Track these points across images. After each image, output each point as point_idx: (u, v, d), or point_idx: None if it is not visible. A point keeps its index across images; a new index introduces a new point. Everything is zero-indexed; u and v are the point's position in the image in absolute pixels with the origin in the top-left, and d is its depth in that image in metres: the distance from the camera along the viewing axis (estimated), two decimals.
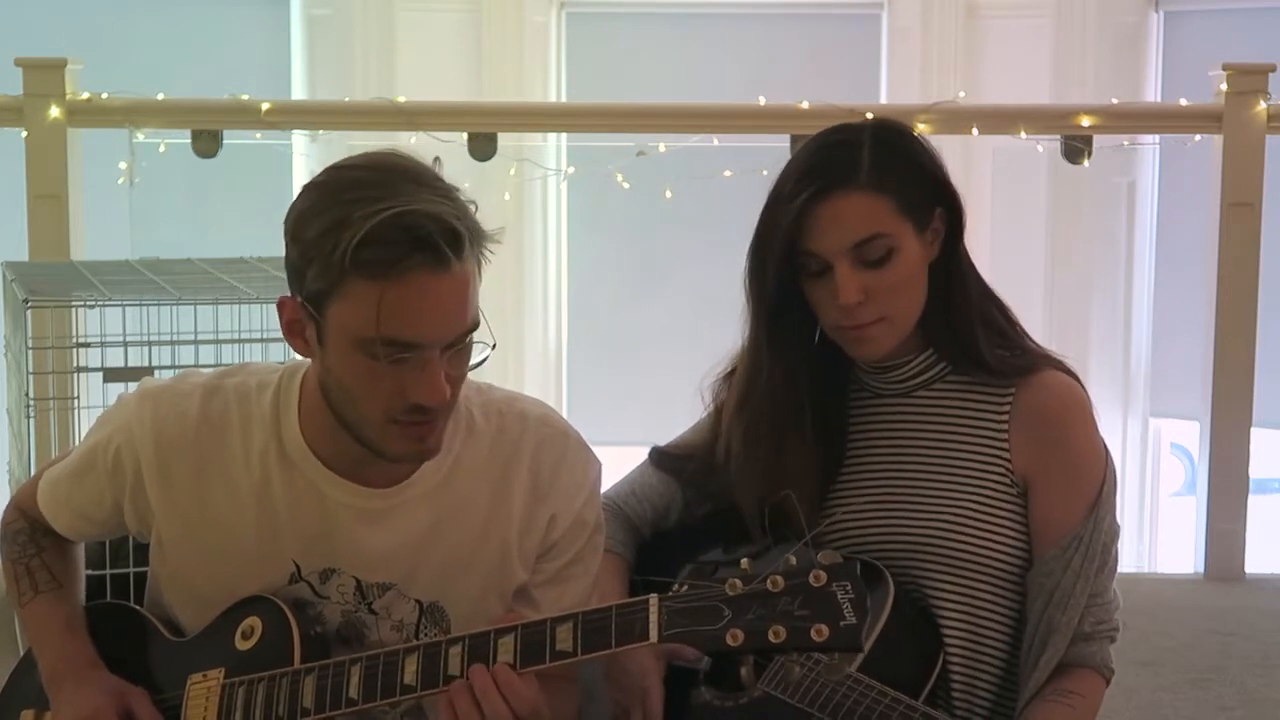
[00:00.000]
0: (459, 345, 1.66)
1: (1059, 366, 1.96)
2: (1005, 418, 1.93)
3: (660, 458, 2.13)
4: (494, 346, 1.69)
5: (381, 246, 1.58)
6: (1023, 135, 4.87)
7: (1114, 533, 1.93)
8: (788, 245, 1.86)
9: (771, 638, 1.49)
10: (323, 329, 1.65)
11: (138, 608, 1.95)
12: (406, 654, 1.68)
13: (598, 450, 1.90)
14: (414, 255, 1.59)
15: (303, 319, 1.68)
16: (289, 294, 1.69)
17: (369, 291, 1.60)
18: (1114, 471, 1.94)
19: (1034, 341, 1.99)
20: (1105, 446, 1.95)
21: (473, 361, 1.69)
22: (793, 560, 1.52)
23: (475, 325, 1.66)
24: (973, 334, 1.93)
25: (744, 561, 1.55)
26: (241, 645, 1.79)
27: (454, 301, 1.63)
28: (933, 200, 1.90)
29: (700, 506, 2.09)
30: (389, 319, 1.60)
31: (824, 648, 1.49)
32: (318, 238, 1.61)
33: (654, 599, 1.56)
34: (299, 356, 1.77)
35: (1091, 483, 1.91)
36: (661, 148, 5.47)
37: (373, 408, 1.67)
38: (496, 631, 1.64)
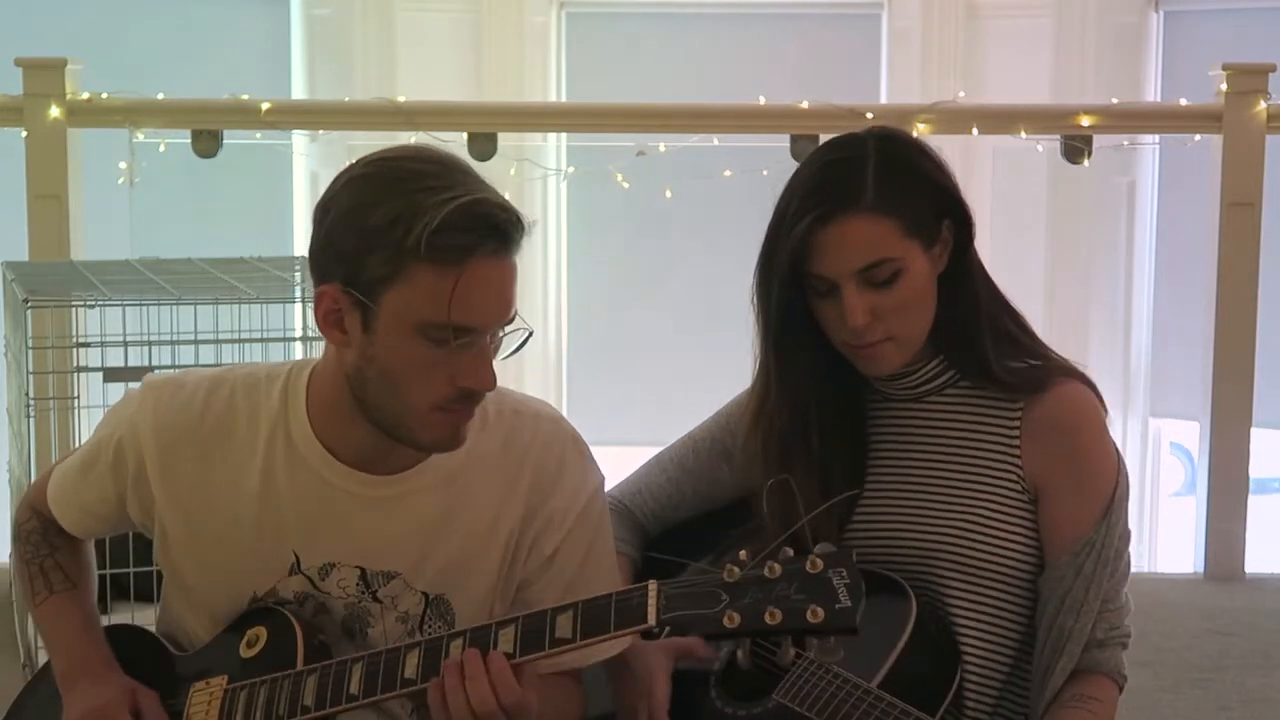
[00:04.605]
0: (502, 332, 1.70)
1: (1072, 374, 1.94)
2: (1016, 427, 1.92)
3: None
4: (531, 333, 1.71)
5: (457, 233, 1.61)
6: (1023, 135, 4.87)
7: (1126, 538, 1.92)
8: (793, 267, 1.85)
9: (768, 619, 1.51)
10: (373, 316, 1.66)
11: (147, 629, 1.96)
12: (408, 650, 1.69)
13: (597, 450, 1.91)
14: (487, 242, 1.63)
15: (345, 307, 1.68)
16: (330, 284, 1.68)
17: (441, 278, 1.62)
18: (1126, 477, 1.92)
19: (1048, 348, 1.97)
20: (1118, 452, 1.94)
21: (515, 346, 1.72)
22: (789, 550, 1.55)
23: (515, 311, 1.70)
24: (981, 344, 1.91)
25: (742, 553, 1.57)
26: (245, 654, 1.79)
27: (511, 286, 1.68)
28: (940, 213, 1.89)
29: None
30: (460, 305, 1.63)
31: (819, 630, 1.51)
32: (386, 225, 1.62)
33: (652, 584, 1.58)
34: (300, 356, 1.77)
35: (1104, 490, 1.90)
36: (661, 148, 5.46)
37: (420, 395, 1.68)
38: (498, 624, 1.66)
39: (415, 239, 1.61)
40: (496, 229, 1.63)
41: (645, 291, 6.70)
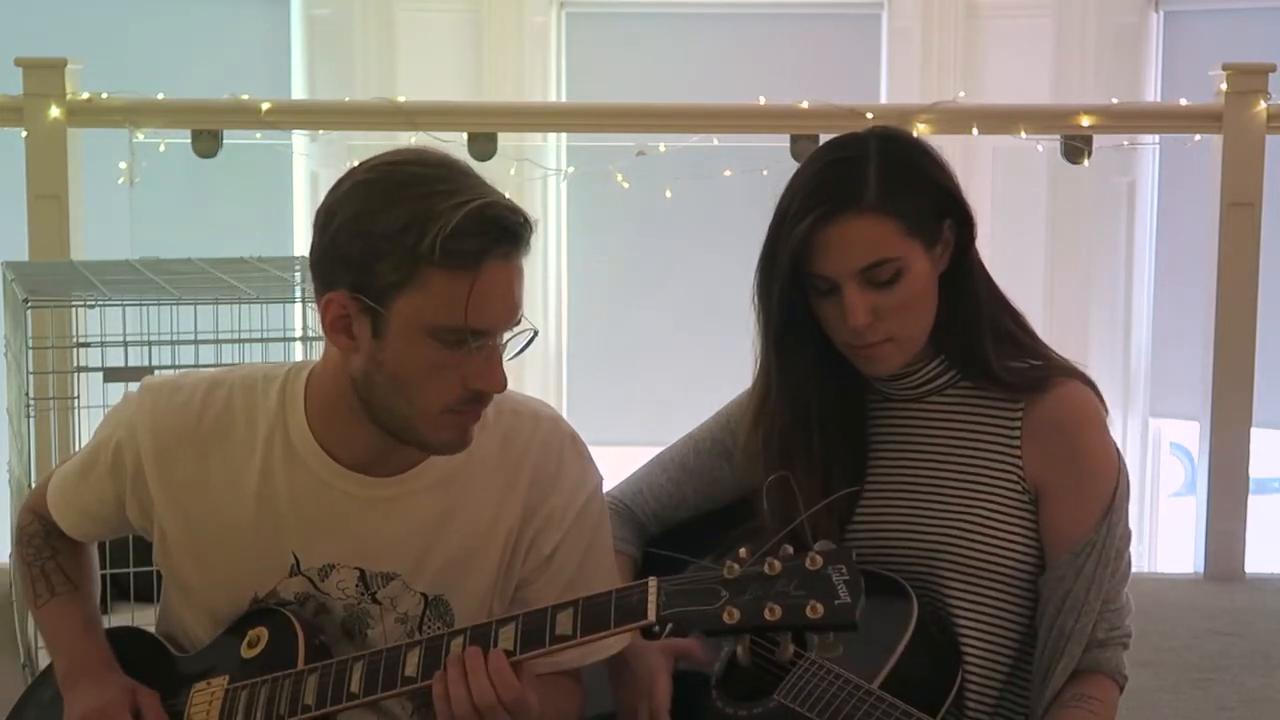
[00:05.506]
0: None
1: (1072, 374, 1.94)
2: (1017, 428, 1.92)
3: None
4: (536, 333, 1.72)
5: (470, 238, 1.62)
6: (1023, 135, 4.87)
7: (1126, 538, 1.92)
8: (794, 267, 1.85)
9: (768, 615, 1.52)
10: (383, 321, 1.66)
11: (148, 630, 1.96)
12: (409, 649, 1.69)
13: (597, 450, 1.91)
14: (499, 245, 1.63)
15: (353, 314, 1.67)
16: (337, 290, 1.67)
17: (456, 282, 1.62)
18: (1127, 478, 1.93)
19: (1048, 348, 1.97)
20: (1118, 453, 1.94)
21: (521, 346, 1.72)
22: (789, 548, 1.55)
23: (522, 312, 1.71)
24: (981, 344, 1.91)
25: (742, 550, 1.57)
26: (246, 654, 1.80)
27: (520, 288, 1.68)
28: (941, 213, 1.88)
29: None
30: (475, 308, 1.63)
31: (818, 625, 1.52)
32: (397, 231, 1.62)
33: (652, 581, 1.59)
34: (300, 357, 1.77)
35: (1104, 491, 1.90)
36: (661, 148, 5.46)
37: (431, 399, 1.68)
38: (498, 622, 1.66)
39: (429, 244, 1.61)
40: (507, 231, 1.64)
41: (645, 291, 6.70)
